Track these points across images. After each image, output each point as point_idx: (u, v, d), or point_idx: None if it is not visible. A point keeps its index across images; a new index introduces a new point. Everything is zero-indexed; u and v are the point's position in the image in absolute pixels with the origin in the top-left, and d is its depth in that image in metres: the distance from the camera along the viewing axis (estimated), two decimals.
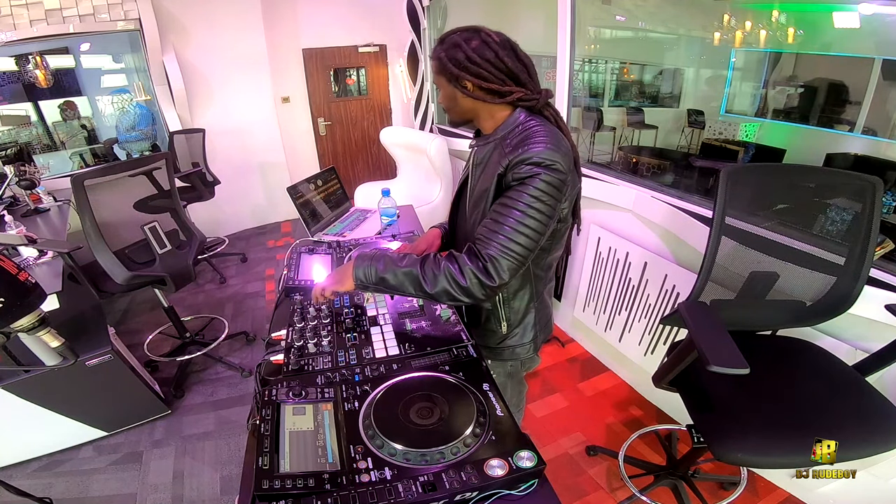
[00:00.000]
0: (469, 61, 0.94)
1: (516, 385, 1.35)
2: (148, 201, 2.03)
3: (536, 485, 0.68)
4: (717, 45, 3.79)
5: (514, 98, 0.97)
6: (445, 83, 1.00)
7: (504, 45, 0.95)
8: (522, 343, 1.17)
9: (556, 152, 0.88)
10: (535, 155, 0.87)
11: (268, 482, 0.63)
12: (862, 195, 1.14)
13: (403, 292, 0.93)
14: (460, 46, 0.94)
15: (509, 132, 0.98)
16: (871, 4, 2.71)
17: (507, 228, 0.87)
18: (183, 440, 1.98)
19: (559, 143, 0.91)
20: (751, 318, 1.32)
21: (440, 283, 0.88)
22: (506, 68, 0.95)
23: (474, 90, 0.97)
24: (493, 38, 0.94)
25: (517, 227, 0.87)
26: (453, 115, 1.06)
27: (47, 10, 3.06)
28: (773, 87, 3.70)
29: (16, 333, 0.83)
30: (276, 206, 4.48)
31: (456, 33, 0.97)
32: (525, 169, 0.88)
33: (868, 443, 0.99)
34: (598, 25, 4.14)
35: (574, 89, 2.41)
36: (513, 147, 0.92)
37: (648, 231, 1.99)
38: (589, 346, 2.43)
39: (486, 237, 0.89)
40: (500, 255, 0.87)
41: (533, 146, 0.89)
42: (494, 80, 0.95)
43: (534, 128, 0.94)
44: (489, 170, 0.99)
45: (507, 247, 0.87)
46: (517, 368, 1.28)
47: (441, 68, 0.98)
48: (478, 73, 0.95)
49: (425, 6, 3.76)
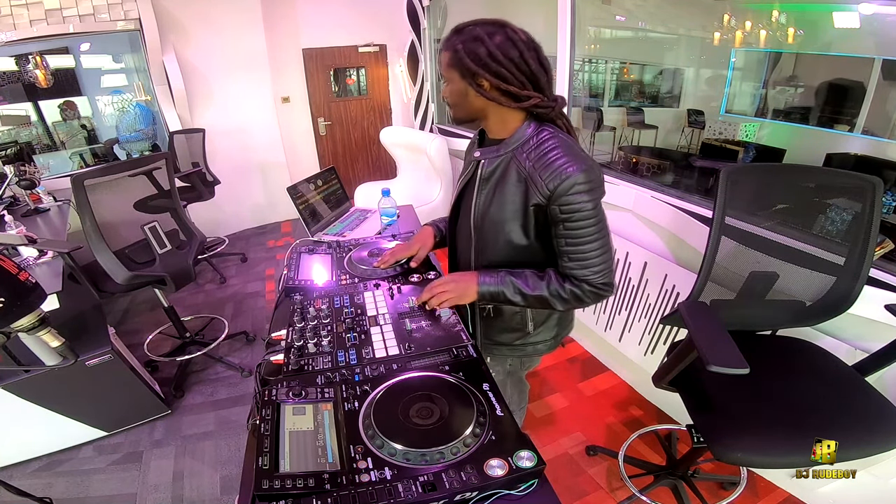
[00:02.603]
0: (491, 58, 0.87)
1: (516, 383, 1.35)
2: (148, 201, 2.03)
3: (536, 485, 0.68)
4: (717, 45, 3.79)
5: (531, 104, 0.92)
6: (458, 78, 0.93)
7: (529, 44, 0.89)
8: (545, 340, 1.18)
9: (589, 169, 0.89)
10: (577, 182, 0.88)
11: (268, 482, 0.63)
12: (862, 195, 1.14)
13: (528, 307, 1.05)
14: (482, 40, 0.87)
15: (520, 145, 0.95)
16: (871, 4, 2.71)
17: (592, 256, 0.93)
18: (183, 440, 1.98)
19: (580, 156, 0.91)
20: (751, 318, 1.32)
21: (567, 304, 0.98)
22: (528, 71, 0.89)
23: (490, 90, 0.91)
24: (520, 37, 0.89)
25: (599, 249, 0.93)
26: (459, 113, 0.99)
27: (47, 10, 3.06)
28: (773, 87, 3.70)
29: (16, 333, 0.83)
30: (276, 206, 4.48)
31: (477, 26, 0.89)
32: (576, 199, 0.89)
33: (868, 443, 0.99)
34: (598, 25, 4.14)
35: (574, 89, 2.41)
36: (534, 167, 0.92)
37: (648, 231, 1.99)
38: (589, 346, 2.43)
39: (583, 269, 0.94)
40: (603, 275, 0.95)
41: (568, 168, 0.88)
42: (515, 81, 0.89)
43: (549, 142, 0.92)
44: (507, 193, 0.97)
45: (602, 267, 0.94)
46: (517, 367, 1.28)
47: (456, 61, 0.91)
48: (498, 71, 0.88)
49: (425, 6, 3.76)
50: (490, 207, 1.01)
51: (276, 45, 4.07)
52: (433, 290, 1.03)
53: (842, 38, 3.02)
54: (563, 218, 0.91)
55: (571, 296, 0.96)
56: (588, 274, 0.94)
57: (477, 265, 1.10)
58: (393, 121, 4.90)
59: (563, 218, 0.91)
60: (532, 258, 1.03)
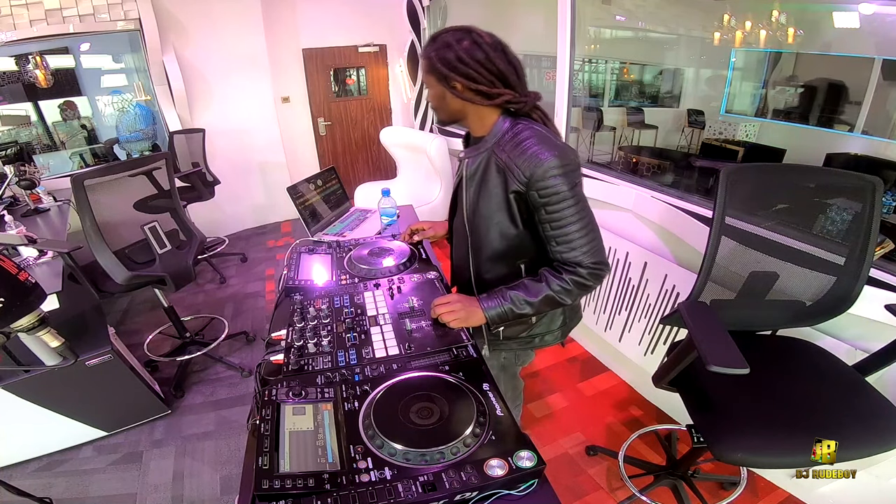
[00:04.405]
0: (459, 61, 0.94)
1: (510, 379, 1.37)
2: (148, 201, 2.02)
3: (536, 485, 0.68)
4: (717, 45, 3.79)
5: (502, 100, 0.98)
6: (435, 82, 1.01)
7: (495, 46, 0.96)
8: (550, 331, 1.20)
9: (562, 154, 0.93)
10: (551, 167, 0.92)
11: (268, 482, 0.63)
12: (862, 195, 1.14)
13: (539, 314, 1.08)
14: (451, 46, 0.95)
15: (497, 141, 1.01)
16: (871, 4, 2.71)
17: (577, 237, 0.96)
18: (183, 440, 1.98)
19: (553, 143, 0.95)
20: (751, 318, 1.32)
21: (577, 297, 1.01)
22: (496, 70, 0.95)
23: (463, 91, 0.98)
24: (485, 39, 0.95)
25: (583, 229, 0.96)
26: (442, 115, 1.07)
27: (47, 10, 3.06)
28: (773, 87, 3.70)
29: (16, 333, 0.83)
30: (276, 206, 4.48)
31: (447, 33, 0.97)
32: (552, 182, 0.93)
33: (868, 443, 0.99)
34: (598, 25, 4.15)
35: (574, 89, 2.41)
36: (510, 157, 0.97)
37: (648, 231, 1.99)
38: (589, 346, 2.43)
39: (572, 251, 0.97)
40: (591, 253, 0.97)
41: (541, 154, 0.93)
42: (483, 81, 0.96)
43: (523, 133, 0.97)
44: (490, 186, 1.03)
45: (590, 247, 0.97)
46: (511, 361, 1.30)
47: (431, 68, 0.99)
48: (467, 73, 0.95)
49: (425, 6, 3.77)
50: (478, 202, 1.06)
51: (276, 45, 4.07)
52: (438, 309, 1.02)
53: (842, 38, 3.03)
54: (542, 202, 0.95)
55: (573, 284, 0.98)
56: (577, 255, 0.96)
57: (475, 260, 1.13)
58: (393, 121, 4.90)
59: (543, 202, 0.95)
60: (525, 246, 1.07)
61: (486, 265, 1.12)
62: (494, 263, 1.11)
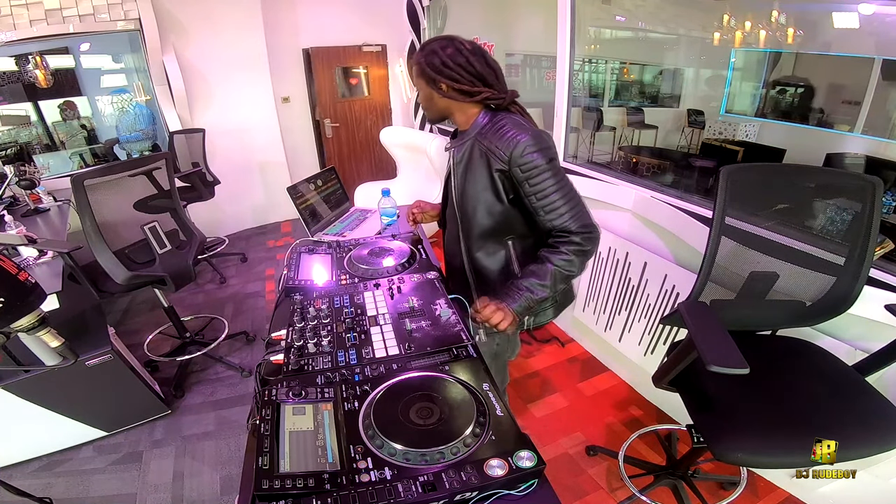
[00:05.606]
0: (444, 66, 1.10)
1: (501, 369, 1.44)
2: (148, 201, 2.02)
3: (536, 485, 0.68)
4: (717, 45, 3.79)
5: (482, 97, 1.13)
6: (424, 85, 1.16)
7: (475, 52, 1.11)
8: (543, 309, 1.26)
9: (536, 135, 1.06)
10: (527, 145, 1.05)
11: (268, 482, 0.63)
12: (862, 195, 1.14)
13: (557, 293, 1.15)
14: (437, 53, 1.10)
15: (480, 130, 1.15)
16: (871, 4, 2.71)
17: (560, 204, 1.07)
18: (183, 440, 1.98)
19: (527, 127, 1.08)
20: (751, 318, 1.32)
21: (581, 265, 1.10)
22: (475, 71, 1.11)
23: (448, 91, 1.13)
24: (466, 46, 1.11)
25: (564, 196, 1.07)
26: (431, 114, 1.22)
27: (47, 10, 3.06)
28: (773, 88, 3.70)
29: (16, 333, 0.83)
30: (276, 206, 4.48)
31: (434, 42, 1.13)
32: (529, 157, 1.06)
33: (868, 443, 0.99)
34: (598, 25, 4.14)
35: (574, 89, 2.41)
36: (490, 142, 1.11)
37: (648, 231, 1.99)
38: (589, 346, 2.43)
39: (559, 217, 1.07)
40: (578, 217, 1.08)
41: (518, 136, 1.06)
42: (465, 81, 1.11)
43: (501, 121, 1.11)
44: (475, 169, 1.15)
45: (574, 212, 1.08)
46: (503, 348, 1.36)
47: (420, 72, 1.14)
48: (451, 75, 1.10)
49: (425, 6, 3.77)
50: (465, 185, 1.19)
51: (276, 45, 4.07)
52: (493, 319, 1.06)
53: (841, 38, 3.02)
54: (524, 177, 1.08)
55: (572, 253, 1.07)
56: (565, 221, 1.07)
57: (465, 240, 1.25)
58: (393, 121, 4.89)
59: (525, 177, 1.08)
60: (511, 223, 1.19)
61: (476, 243, 1.23)
62: (485, 241, 1.22)
